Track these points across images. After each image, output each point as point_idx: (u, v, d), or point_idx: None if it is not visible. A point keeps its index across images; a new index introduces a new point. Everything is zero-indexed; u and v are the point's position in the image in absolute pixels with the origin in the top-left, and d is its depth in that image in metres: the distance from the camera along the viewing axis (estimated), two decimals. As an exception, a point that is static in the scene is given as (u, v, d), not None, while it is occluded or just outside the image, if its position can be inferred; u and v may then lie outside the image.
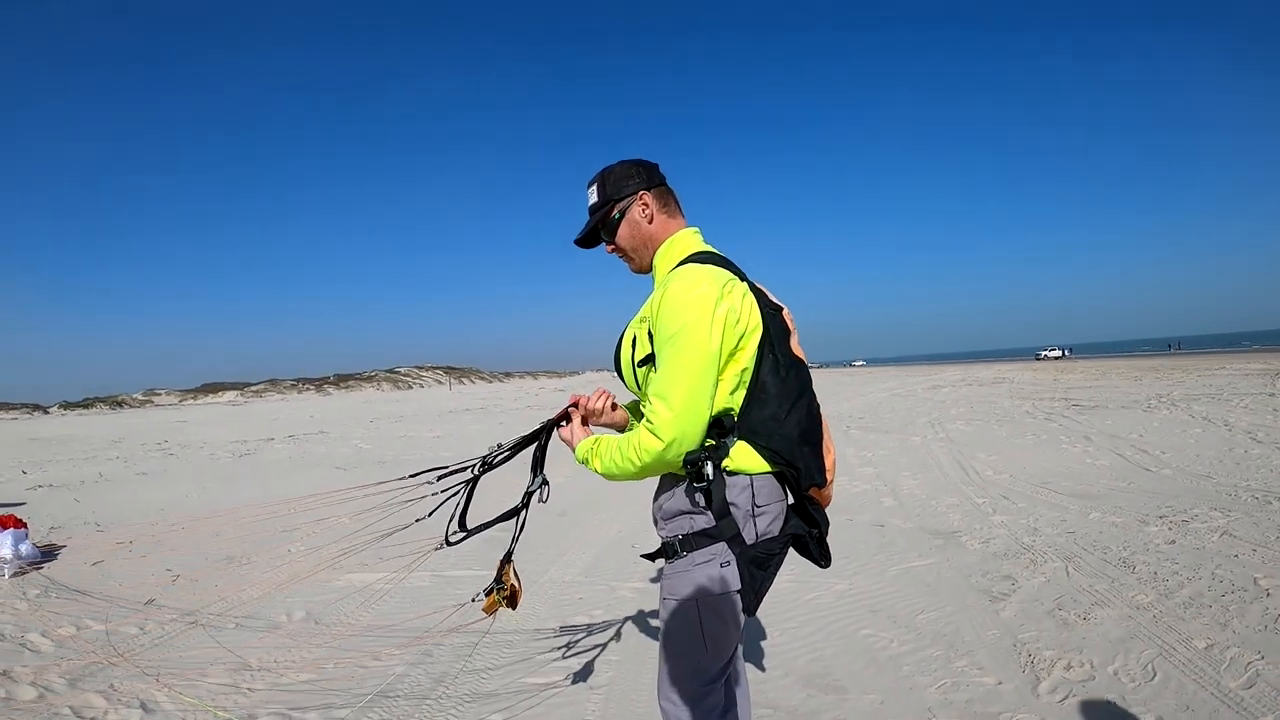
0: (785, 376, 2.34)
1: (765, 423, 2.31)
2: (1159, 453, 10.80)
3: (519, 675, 4.36)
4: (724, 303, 2.25)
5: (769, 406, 2.31)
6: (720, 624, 2.31)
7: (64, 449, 23.80)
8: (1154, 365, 41.24)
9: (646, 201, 2.53)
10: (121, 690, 4.25)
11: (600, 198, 2.57)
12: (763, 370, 2.33)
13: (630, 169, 2.56)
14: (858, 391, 33.24)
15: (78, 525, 9.57)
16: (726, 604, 2.29)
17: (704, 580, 2.30)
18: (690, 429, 2.20)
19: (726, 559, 2.28)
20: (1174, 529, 6.57)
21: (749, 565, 2.28)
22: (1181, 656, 4.05)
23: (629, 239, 2.56)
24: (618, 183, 2.54)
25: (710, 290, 2.24)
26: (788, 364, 2.36)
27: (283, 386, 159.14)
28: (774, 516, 2.35)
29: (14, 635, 5.19)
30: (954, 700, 3.79)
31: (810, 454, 2.35)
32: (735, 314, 2.27)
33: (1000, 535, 6.78)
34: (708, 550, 2.30)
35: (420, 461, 14.89)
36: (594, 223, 2.58)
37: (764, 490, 2.32)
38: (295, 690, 4.24)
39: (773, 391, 2.32)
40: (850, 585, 5.63)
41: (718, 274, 2.31)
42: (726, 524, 2.29)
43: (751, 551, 2.28)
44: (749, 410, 2.31)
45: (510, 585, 2.96)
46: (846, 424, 17.69)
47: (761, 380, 2.32)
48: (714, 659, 2.34)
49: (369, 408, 46.12)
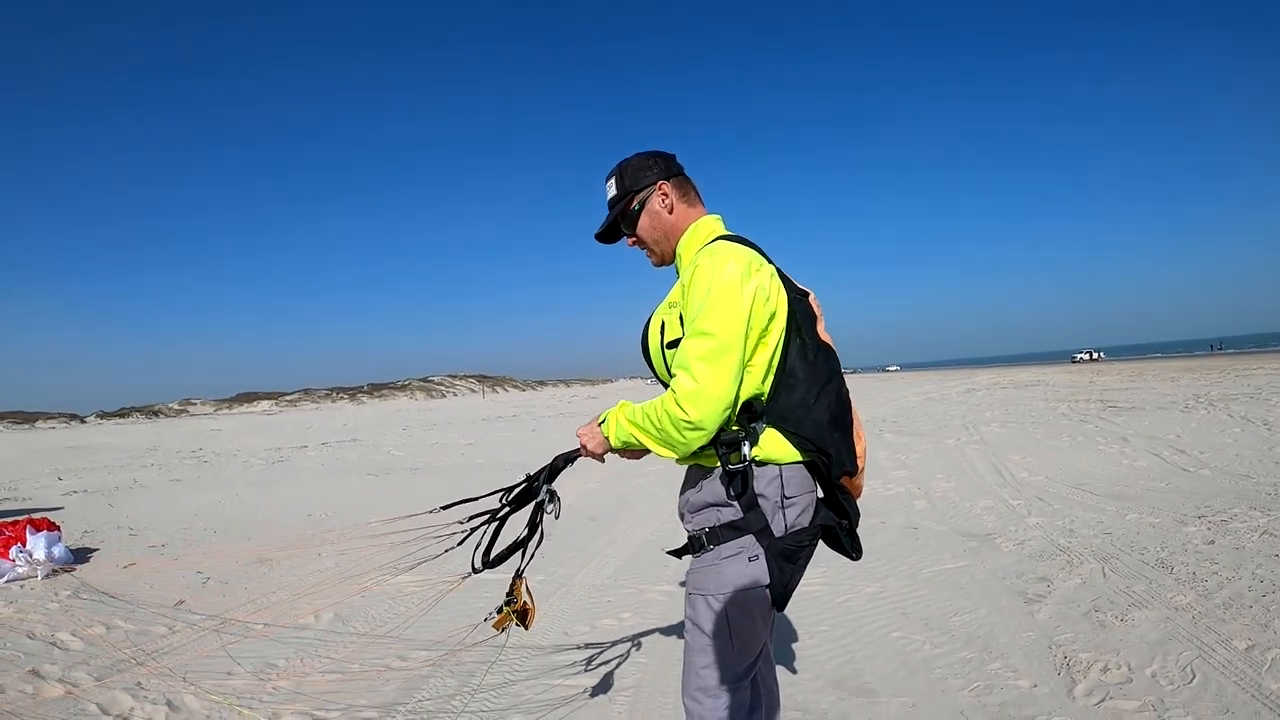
0: (814, 361, 2.31)
1: (794, 408, 2.27)
2: (1197, 453, 10.62)
3: (546, 678, 4.36)
4: (753, 279, 2.22)
5: (797, 391, 2.28)
6: (748, 620, 2.28)
7: (100, 457, 24.14)
8: (1191, 366, 40.73)
9: (666, 191, 2.50)
10: (148, 688, 4.31)
11: (619, 190, 2.54)
12: (790, 354, 2.29)
13: (648, 159, 2.54)
14: (892, 396, 33.00)
15: (111, 530, 9.70)
16: (754, 599, 2.26)
17: (732, 574, 2.26)
18: (715, 404, 2.16)
19: (755, 552, 2.25)
20: (1213, 529, 6.46)
21: (778, 558, 2.24)
22: (1221, 658, 3.97)
23: (650, 230, 2.53)
24: (635, 174, 2.52)
25: (739, 267, 2.22)
26: (815, 348, 2.33)
27: (317, 396, 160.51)
28: (803, 508, 2.31)
29: (44, 634, 5.26)
30: (987, 703, 3.73)
31: (841, 439, 2.31)
32: (765, 292, 2.24)
33: (1035, 537, 6.69)
34: (735, 543, 2.27)
35: (452, 469, 14.97)
36: (614, 216, 2.56)
37: (793, 481, 2.29)
38: (320, 691, 4.26)
39: (801, 376, 2.28)
40: (882, 588, 5.57)
41: (746, 252, 2.30)
42: (755, 516, 2.25)
43: (780, 544, 2.25)
44: (777, 395, 2.28)
45: (522, 602, 2.93)
46: (880, 428, 17.57)
47: (789, 365, 2.29)
48: (741, 656, 2.31)
49: (402, 416, 46.48)
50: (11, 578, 6.79)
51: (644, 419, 2.28)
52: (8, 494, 14.46)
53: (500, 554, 2.93)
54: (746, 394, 2.26)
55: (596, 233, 2.64)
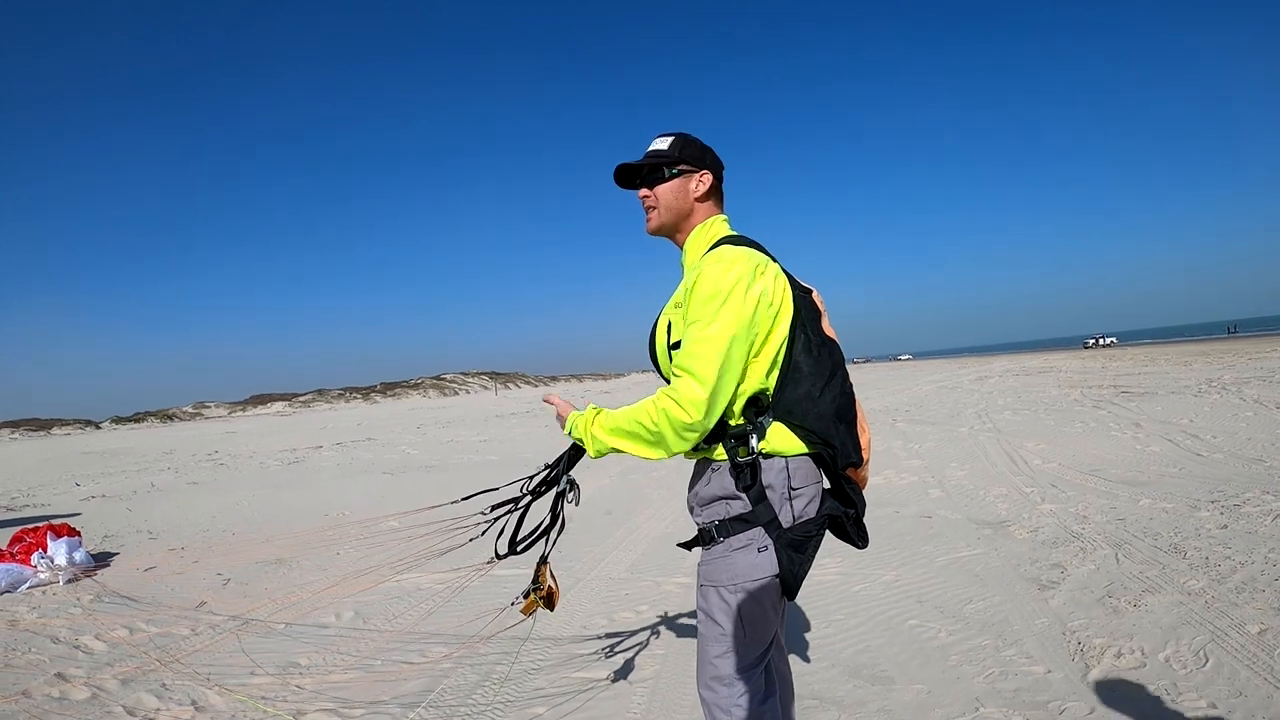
0: (818, 355, 2.36)
1: (800, 401, 2.32)
2: (1210, 437, 10.62)
3: (565, 671, 4.41)
4: (758, 283, 2.28)
5: (803, 385, 2.33)
6: (759, 610, 2.32)
7: (116, 462, 24.32)
8: (1204, 350, 40.53)
9: (706, 180, 2.56)
10: (173, 689, 4.37)
11: (670, 150, 2.57)
12: (795, 350, 2.35)
13: (708, 150, 2.61)
14: (904, 385, 32.96)
15: (130, 534, 9.81)
16: (764, 589, 2.31)
17: (742, 566, 2.31)
18: (715, 408, 2.22)
19: (764, 543, 2.30)
20: (1226, 514, 6.47)
21: (787, 549, 2.29)
22: (1234, 642, 3.99)
23: (669, 197, 2.56)
24: (693, 148, 2.58)
25: (744, 270, 2.27)
26: (819, 343, 2.38)
27: (330, 396, 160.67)
28: (810, 498, 2.36)
29: (68, 638, 5.34)
30: (1002, 689, 3.76)
31: (846, 432, 2.37)
32: (769, 295, 2.30)
33: (1049, 524, 6.72)
34: (745, 535, 2.32)
35: (467, 465, 15.03)
36: (651, 162, 2.57)
37: (800, 472, 2.34)
38: (343, 688, 4.32)
39: (806, 370, 2.33)
40: (897, 576, 5.61)
41: (752, 255, 2.34)
42: (763, 508, 2.30)
43: (789, 535, 2.30)
44: (783, 390, 2.33)
45: (547, 586, 2.99)
46: (894, 417, 17.58)
47: (795, 360, 2.34)
48: (752, 646, 2.36)
49: (416, 414, 46.57)
50: (34, 583, 6.88)
51: (633, 424, 2.33)
52: (26, 501, 14.59)
53: (524, 538, 3.02)
54: (752, 389, 2.32)
55: (621, 165, 2.63)
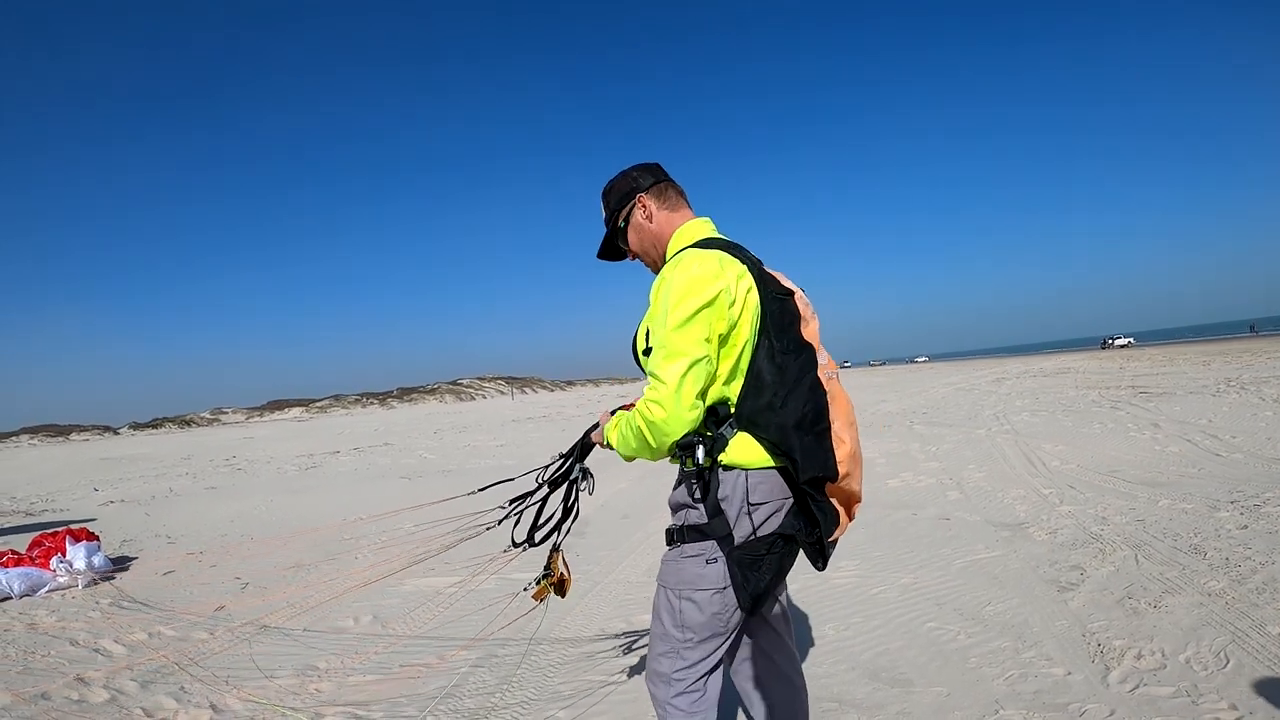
0: (782, 364, 2.30)
1: (762, 411, 2.29)
2: (1229, 437, 10.55)
3: (584, 673, 4.42)
4: (715, 284, 2.25)
5: (765, 395, 2.29)
6: (701, 618, 2.34)
7: (134, 467, 24.49)
8: (1223, 349, 40.28)
9: (645, 203, 2.60)
10: (192, 692, 4.41)
11: (607, 210, 2.68)
12: (758, 358, 2.31)
13: (627, 176, 2.65)
14: (921, 387, 32.85)
15: (149, 538, 9.90)
16: (710, 600, 2.33)
17: (689, 573, 2.35)
18: (678, 408, 2.22)
19: (714, 556, 2.32)
20: (1246, 514, 6.43)
21: (737, 565, 2.29)
22: (1255, 643, 3.97)
23: (638, 242, 2.65)
24: (617, 193, 2.64)
25: (701, 272, 2.26)
26: (785, 350, 2.32)
27: (347, 402, 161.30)
28: (772, 513, 2.33)
29: (87, 641, 5.40)
30: (1022, 692, 3.75)
31: (813, 443, 2.27)
32: (730, 295, 2.26)
33: (1068, 525, 6.69)
34: (698, 545, 2.35)
35: (485, 470, 15.09)
36: (607, 236, 2.71)
37: (763, 486, 2.32)
38: (362, 691, 4.35)
39: (768, 379, 2.29)
40: (915, 579, 5.60)
41: (712, 256, 2.32)
42: (718, 522, 2.31)
43: (739, 553, 2.30)
44: (745, 399, 2.31)
45: (559, 574, 3.02)
46: (911, 419, 17.54)
47: (757, 368, 2.31)
48: (694, 648, 2.38)
49: (433, 419, 46.69)
50: (53, 587, 6.94)
51: (626, 426, 2.40)
52: (45, 506, 14.72)
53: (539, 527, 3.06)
54: (712, 398, 2.32)
55: (597, 254, 2.80)
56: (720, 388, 2.32)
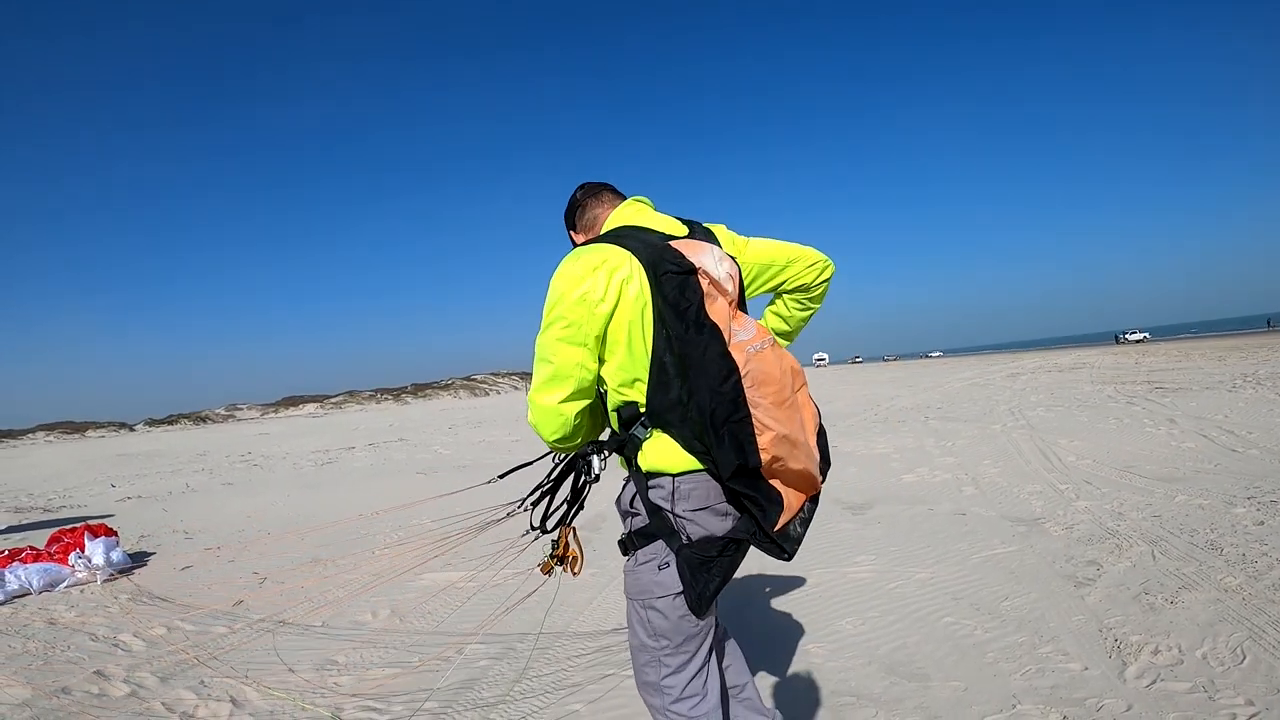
0: (682, 351, 2.15)
1: (672, 408, 2.20)
2: (1245, 433, 10.52)
3: (600, 667, 4.47)
4: (577, 286, 2.21)
5: (672, 389, 2.19)
6: (669, 624, 2.32)
7: (151, 463, 24.64)
8: (1239, 344, 40.03)
9: (572, 238, 2.70)
10: (211, 686, 4.47)
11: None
12: (658, 349, 2.21)
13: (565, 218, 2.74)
14: (936, 382, 32.74)
15: (166, 534, 9.99)
16: (669, 605, 2.30)
17: (646, 581, 2.32)
18: (546, 411, 2.27)
19: (666, 559, 2.29)
20: (1262, 510, 6.42)
21: (686, 565, 2.26)
22: (1272, 639, 3.98)
23: None
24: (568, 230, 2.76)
25: (565, 273, 2.27)
26: (683, 334, 2.15)
27: (361, 397, 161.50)
28: (708, 520, 2.28)
29: (107, 636, 5.46)
30: (1039, 686, 3.77)
31: (728, 435, 2.11)
32: (597, 295, 2.20)
33: (1084, 521, 6.69)
34: (649, 550, 2.32)
35: (500, 465, 15.07)
36: None
37: (695, 493, 2.26)
38: (381, 684, 4.40)
39: (672, 371, 2.19)
40: (932, 574, 5.61)
41: (589, 254, 2.28)
42: (658, 521, 2.28)
43: (688, 552, 2.27)
44: (654, 396, 2.23)
45: (572, 551, 3.01)
46: (926, 414, 17.51)
47: (660, 360, 2.21)
48: (673, 654, 2.35)
49: (447, 415, 46.78)
50: (72, 583, 7.02)
51: None
52: (63, 502, 14.83)
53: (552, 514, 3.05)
54: (618, 402, 2.31)
55: None
56: (622, 390, 2.28)
